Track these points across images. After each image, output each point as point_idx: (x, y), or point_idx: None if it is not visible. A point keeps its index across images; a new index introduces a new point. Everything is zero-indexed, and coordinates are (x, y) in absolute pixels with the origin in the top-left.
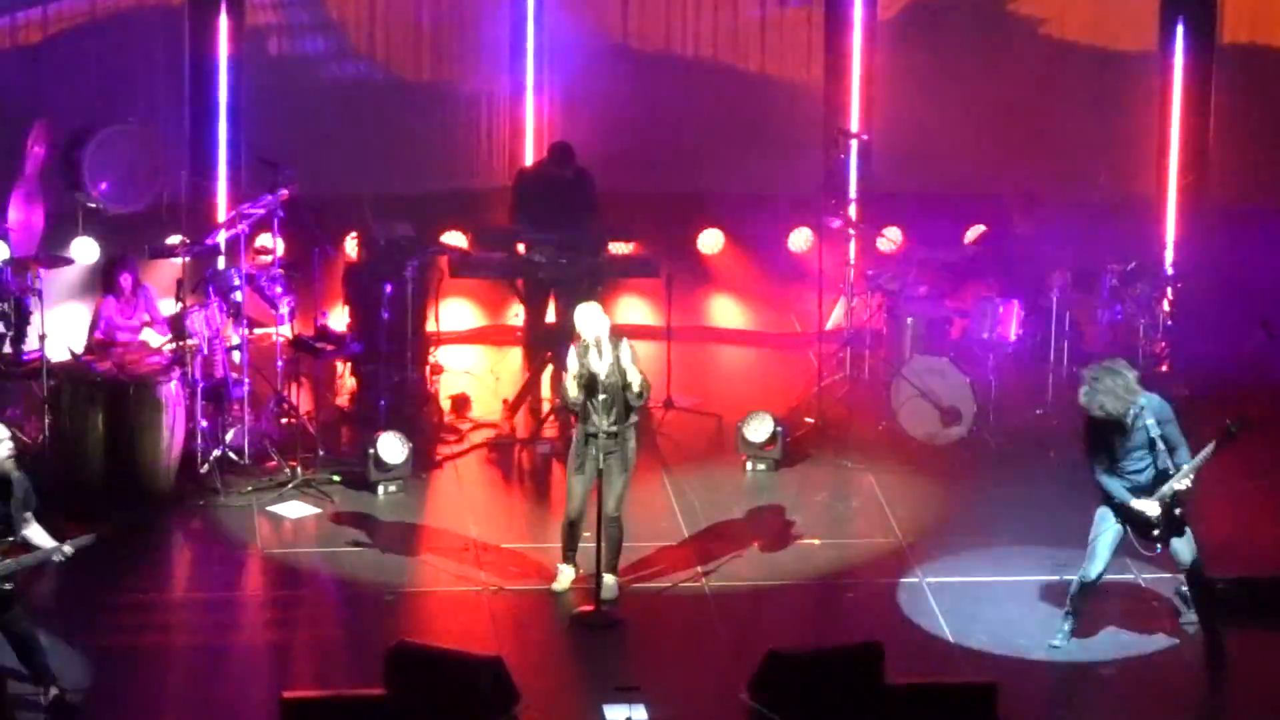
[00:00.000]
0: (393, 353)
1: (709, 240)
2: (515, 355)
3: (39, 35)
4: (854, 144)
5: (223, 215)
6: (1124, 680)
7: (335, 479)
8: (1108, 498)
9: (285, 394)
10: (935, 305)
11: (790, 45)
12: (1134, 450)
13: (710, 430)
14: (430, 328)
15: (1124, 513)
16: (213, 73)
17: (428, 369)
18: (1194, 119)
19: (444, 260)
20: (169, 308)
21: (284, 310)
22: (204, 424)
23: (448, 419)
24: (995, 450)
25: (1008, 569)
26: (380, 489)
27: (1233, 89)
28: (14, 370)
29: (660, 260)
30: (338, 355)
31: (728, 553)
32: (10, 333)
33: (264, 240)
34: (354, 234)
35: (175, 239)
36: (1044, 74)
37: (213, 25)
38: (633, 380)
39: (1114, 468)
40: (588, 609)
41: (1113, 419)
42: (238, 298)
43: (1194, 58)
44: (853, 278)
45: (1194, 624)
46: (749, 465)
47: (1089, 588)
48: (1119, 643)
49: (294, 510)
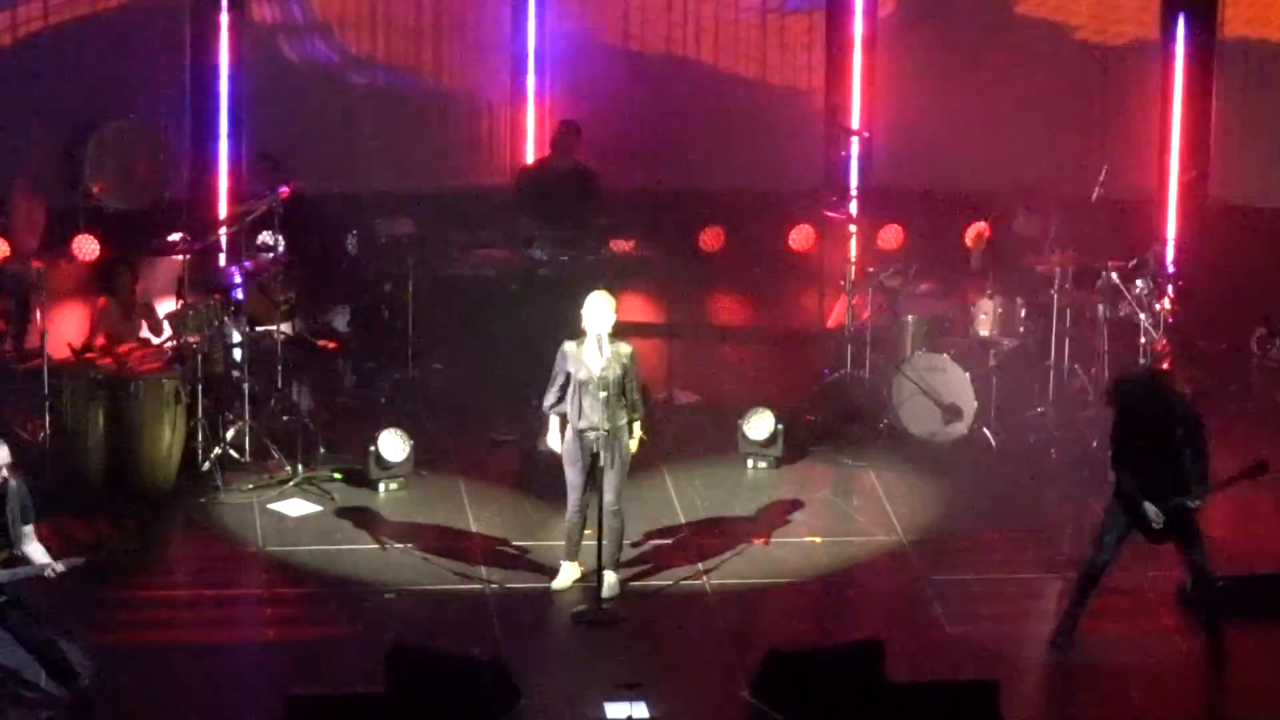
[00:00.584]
0: (393, 350)
1: (710, 238)
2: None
3: (40, 31)
4: (855, 141)
5: (223, 212)
6: (1125, 678)
7: (336, 476)
8: (1120, 491)
9: (286, 391)
10: (936, 303)
11: (791, 43)
12: (1157, 451)
13: (711, 428)
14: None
15: (1132, 509)
16: (214, 70)
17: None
18: (1195, 115)
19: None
20: (169, 305)
21: (284, 307)
22: (204, 422)
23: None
24: (996, 448)
25: (1009, 566)
26: (381, 487)
27: (1234, 84)
28: (15, 368)
29: (660, 258)
30: (338, 352)
31: (729, 550)
32: (12, 330)
33: (264, 237)
34: (354, 232)
35: (176, 236)
36: (1045, 70)
37: (214, 22)
38: (631, 401)
39: (1135, 463)
40: (588, 607)
41: (1144, 418)
42: (238, 295)
43: (1195, 52)
44: (854, 275)
45: (1196, 621)
46: (750, 463)
47: (1092, 579)
48: (1120, 640)
49: (295, 508)
